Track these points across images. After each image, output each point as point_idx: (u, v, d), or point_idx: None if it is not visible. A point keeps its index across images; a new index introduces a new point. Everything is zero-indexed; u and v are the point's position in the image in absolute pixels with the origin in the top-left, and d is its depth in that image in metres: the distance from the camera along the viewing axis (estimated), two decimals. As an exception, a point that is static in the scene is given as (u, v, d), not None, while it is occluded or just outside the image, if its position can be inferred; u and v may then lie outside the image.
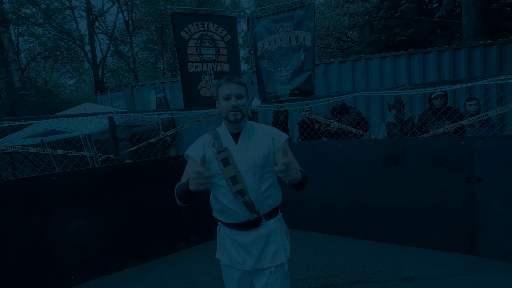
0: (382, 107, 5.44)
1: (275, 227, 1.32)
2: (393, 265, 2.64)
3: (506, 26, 9.05)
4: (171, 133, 3.93)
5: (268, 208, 1.31)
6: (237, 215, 1.28)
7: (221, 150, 1.26)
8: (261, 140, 1.33)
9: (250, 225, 1.29)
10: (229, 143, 1.31)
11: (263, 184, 1.29)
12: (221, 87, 1.31)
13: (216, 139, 1.30)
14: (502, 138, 2.55)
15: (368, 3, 9.53)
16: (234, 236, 1.32)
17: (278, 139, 1.34)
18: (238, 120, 1.29)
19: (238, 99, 1.28)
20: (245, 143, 1.32)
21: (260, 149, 1.30)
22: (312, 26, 3.72)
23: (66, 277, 2.64)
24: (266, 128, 1.40)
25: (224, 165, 1.24)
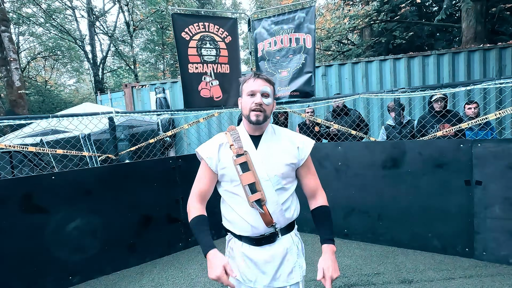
0: (381, 109, 5.46)
1: (291, 243, 1.21)
2: (392, 268, 2.64)
3: (505, 30, 9.09)
4: (171, 134, 3.93)
5: (285, 221, 1.19)
6: (252, 228, 1.15)
7: (241, 153, 1.14)
8: (285, 147, 1.20)
9: (265, 240, 1.17)
10: (248, 146, 1.18)
11: (282, 195, 1.17)
12: (247, 82, 1.18)
13: (236, 140, 1.18)
14: (501, 142, 2.56)
15: (368, 6, 9.56)
16: (246, 251, 1.19)
17: (304, 148, 1.22)
18: (260, 122, 1.15)
19: (263, 97, 1.15)
20: (266, 148, 1.19)
21: (282, 157, 1.18)
22: (313, 28, 3.74)
23: (64, 277, 2.63)
24: (290, 133, 1.27)
25: (243, 170, 1.12)
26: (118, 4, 15.17)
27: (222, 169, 1.18)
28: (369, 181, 3.13)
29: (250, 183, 1.11)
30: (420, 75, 5.73)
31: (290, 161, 1.18)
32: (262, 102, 1.14)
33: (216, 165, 1.20)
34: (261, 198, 1.11)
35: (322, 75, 5.95)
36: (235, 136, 1.19)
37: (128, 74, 17.67)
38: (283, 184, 1.17)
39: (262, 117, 1.15)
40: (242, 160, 1.13)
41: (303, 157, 1.21)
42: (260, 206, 1.11)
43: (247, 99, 1.17)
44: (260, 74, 1.19)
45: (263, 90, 1.15)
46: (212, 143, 1.24)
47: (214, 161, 1.20)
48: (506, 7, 8.68)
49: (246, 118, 1.18)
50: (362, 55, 10.51)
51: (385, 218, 3.08)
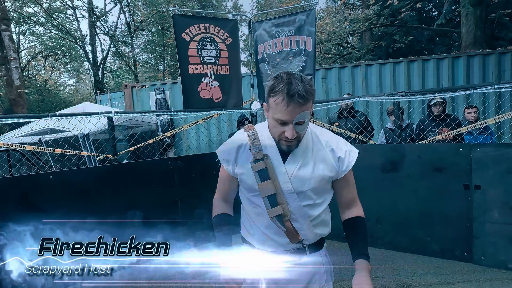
0: (381, 113, 5.47)
1: (320, 263, 1.06)
2: (390, 272, 2.63)
3: (505, 36, 9.15)
4: (170, 134, 3.92)
5: (315, 238, 1.04)
6: (275, 244, 1.00)
7: (260, 158, 0.96)
8: (322, 156, 0.99)
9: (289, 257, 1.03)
10: (272, 151, 0.98)
11: (313, 210, 1.00)
12: (277, 104, 0.87)
13: (254, 142, 0.98)
14: (500, 146, 2.56)
15: (368, 10, 9.62)
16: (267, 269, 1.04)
17: (346, 159, 1.00)
18: (292, 150, 0.96)
19: (297, 125, 0.90)
20: (297, 156, 0.97)
21: (318, 168, 0.98)
22: (313, 31, 3.75)
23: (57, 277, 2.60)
24: (332, 138, 1.03)
25: (262, 178, 0.95)
26: (119, 4, 15.21)
27: (240, 174, 1.02)
28: (368, 184, 3.12)
29: (270, 195, 0.94)
30: (420, 79, 5.75)
31: (327, 175, 0.99)
32: (295, 134, 0.90)
33: (233, 169, 1.04)
34: (283, 213, 0.94)
35: (322, 78, 5.97)
36: (253, 136, 0.99)
37: (128, 75, 17.69)
38: (315, 200, 1.00)
39: (295, 144, 0.95)
40: (260, 166, 0.95)
41: (345, 169, 1.01)
42: (281, 223, 0.94)
43: (275, 125, 0.92)
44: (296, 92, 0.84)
45: (298, 120, 0.88)
46: (232, 143, 1.06)
47: (231, 165, 1.04)
48: (505, 13, 8.75)
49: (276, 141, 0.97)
50: (362, 59, 10.55)
51: (383, 222, 3.07)
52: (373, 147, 3.19)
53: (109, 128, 3.19)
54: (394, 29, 10.44)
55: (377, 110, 5.56)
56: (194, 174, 3.35)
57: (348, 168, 1.01)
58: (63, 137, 3.50)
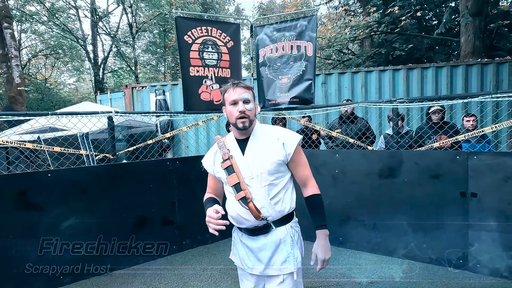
0: (380, 119, 5.50)
1: (285, 235, 1.28)
2: (386, 277, 2.64)
3: (503, 46, 9.25)
4: (169, 136, 3.93)
5: (277, 214, 1.27)
6: (246, 221, 1.27)
7: (226, 158, 1.27)
8: (270, 146, 1.28)
9: (259, 231, 1.28)
10: (235, 150, 1.31)
11: (271, 190, 1.26)
12: (228, 92, 1.28)
13: (221, 147, 1.32)
14: (496, 155, 2.59)
15: (369, 17, 9.71)
16: (244, 240, 1.33)
17: (289, 144, 1.28)
18: (246, 127, 1.26)
19: (245, 103, 1.25)
20: (252, 149, 1.29)
21: (268, 155, 1.26)
22: (314, 37, 3.78)
23: (55, 276, 2.59)
24: (278, 131, 1.34)
25: (229, 173, 1.26)
26: (122, 5, 15.28)
27: (217, 173, 1.35)
28: (366, 190, 3.14)
29: (235, 184, 1.24)
30: (419, 86, 5.80)
31: (276, 158, 1.26)
32: (245, 109, 1.24)
33: (213, 170, 1.38)
34: (246, 195, 1.22)
35: (322, 83, 6.00)
36: (220, 143, 1.34)
37: (129, 75, 17.71)
38: (271, 180, 1.26)
39: (248, 122, 1.25)
40: (227, 164, 1.26)
41: (289, 152, 1.27)
42: (245, 203, 1.22)
43: (231, 108, 1.26)
44: (239, 82, 1.28)
45: (243, 98, 1.24)
46: (210, 152, 1.41)
47: (211, 168, 1.39)
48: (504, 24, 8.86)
49: (234, 125, 1.28)
50: (362, 65, 10.63)
51: (380, 227, 3.08)
52: (371, 153, 3.21)
53: (109, 128, 3.20)
54: (394, 37, 10.53)
55: (376, 116, 5.60)
56: (193, 176, 3.36)
57: (292, 150, 1.27)
58: (62, 136, 3.51)
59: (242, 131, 1.29)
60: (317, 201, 1.32)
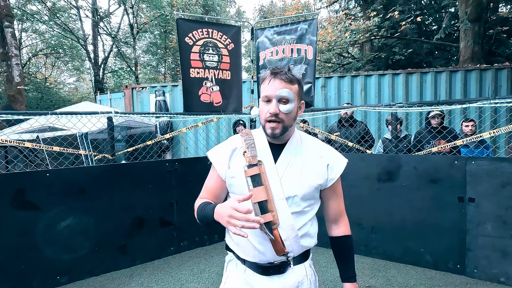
0: (378, 122, 5.52)
1: (303, 276, 1.01)
2: (383, 281, 2.64)
3: (502, 52, 9.31)
4: (169, 137, 3.93)
5: (300, 250, 0.99)
6: (260, 254, 0.96)
7: (253, 164, 0.94)
8: (312, 164, 1.00)
9: (274, 270, 0.97)
10: (266, 157, 0.98)
11: (299, 219, 0.97)
12: (263, 83, 0.96)
13: (249, 147, 0.97)
14: (494, 160, 2.60)
15: (369, 22, 9.76)
16: (249, 278, 0.99)
17: (335, 168, 1.01)
18: (276, 135, 0.95)
19: (281, 103, 0.92)
20: (288, 160, 0.98)
21: (308, 175, 0.98)
22: (315, 40, 3.80)
23: (51, 277, 2.58)
24: (322, 148, 1.04)
25: (254, 184, 0.92)
26: (123, 6, 15.32)
27: (231, 178, 1.00)
28: (364, 193, 3.14)
29: (261, 201, 0.90)
30: (418, 91, 5.82)
31: (316, 182, 0.98)
32: (278, 110, 0.91)
33: (226, 172, 1.02)
34: (273, 220, 0.90)
35: (321, 86, 6.02)
36: (249, 142, 0.98)
37: (129, 76, 17.72)
38: (302, 207, 0.98)
39: (280, 129, 0.94)
40: (254, 171, 0.92)
41: (333, 177, 1.01)
42: (270, 231, 0.90)
43: (263, 106, 0.95)
44: (280, 71, 0.93)
45: (280, 95, 0.91)
46: (225, 146, 1.05)
47: (224, 168, 1.02)
48: (503, 30, 8.92)
49: (263, 128, 0.98)
50: (361, 69, 10.67)
51: (378, 231, 3.08)
52: (370, 157, 3.22)
53: (109, 128, 3.20)
54: (394, 41, 10.59)
55: (375, 120, 5.61)
56: (191, 177, 3.36)
57: (336, 176, 1.02)
58: (61, 136, 3.50)
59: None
60: (350, 245, 1.07)
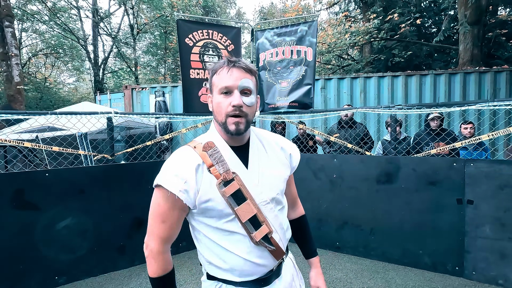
0: (378, 124, 5.53)
1: (292, 266, 1.01)
2: (382, 283, 2.64)
3: (501, 55, 9.35)
4: (168, 137, 3.94)
5: (286, 242, 0.97)
6: (261, 268, 0.87)
7: (230, 179, 0.81)
8: (277, 157, 0.94)
9: (274, 276, 0.91)
10: (237, 166, 0.85)
11: (282, 215, 0.94)
12: (219, 74, 0.83)
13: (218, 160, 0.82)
14: (493, 162, 2.61)
15: (369, 24, 9.79)
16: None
17: (295, 155, 1.00)
18: (241, 132, 0.83)
19: (244, 95, 0.81)
20: (258, 162, 0.89)
21: (278, 169, 0.93)
22: (314, 42, 3.82)
23: (50, 277, 2.58)
24: (277, 138, 1.00)
25: (238, 201, 0.81)
26: (123, 7, 15.34)
27: (205, 202, 0.82)
28: (363, 195, 3.15)
29: (252, 216, 0.82)
30: (417, 93, 5.84)
31: (286, 173, 0.95)
32: (242, 103, 0.80)
33: (195, 199, 0.82)
34: (269, 230, 0.84)
35: (321, 88, 6.04)
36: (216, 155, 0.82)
37: (129, 76, 17.72)
38: (283, 203, 0.95)
39: (244, 124, 0.82)
40: (233, 188, 0.81)
41: (295, 165, 1.00)
42: (269, 243, 0.84)
43: (220, 99, 0.82)
44: (238, 60, 0.83)
45: (242, 86, 0.80)
46: (184, 166, 0.82)
47: (192, 194, 0.81)
48: (502, 33, 8.96)
49: (222, 125, 0.84)
50: (361, 71, 10.69)
51: (377, 233, 3.08)
52: (369, 158, 3.23)
53: (108, 129, 3.20)
54: (394, 43, 10.63)
55: (374, 122, 5.62)
56: (191, 178, 3.35)
57: (297, 163, 1.01)
58: (61, 136, 3.50)
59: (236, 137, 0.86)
60: (307, 223, 1.11)
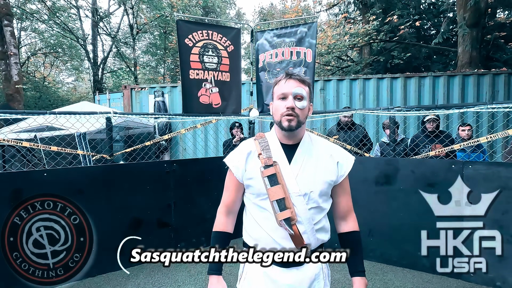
0: (377, 126, 5.54)
1: (319, 269, 1.08)
2: (381, 285, 2.64)
3: (499, 57, 9.39)
4: (167, 138, 3.93)
5: (317, 243, 1.07)
6: (280, 248, 1.04)
7: (269, 164, 1.02)
8: (324, 161, 1.07)
9: (293, 263, 1.03)
10: (280, 157, 1.05)
11: (316, 215, 1.05)
12: (278, 84, 1.05)
13: (264, 149, 1.05)
14: (491, 165, 2.62)
15: (368, 25, 9.82)
16: (269, 271, 1.05)
17: (344, 165, 1.09)
18: (292, 128, 1.01)
19: (296, 100, 1.01)
20: (302, 159, 1.05)
21: (321, 172, 1.05)
22: (314, 43, 3.82)
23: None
24: (330, 146, 1.13)
25: (271, 183, 1.00)
26: (123, 6, 15.33)
27: (249, 179, 1.07)
28: (362, 196, 3.15)
29: (279, 199, 0.99)
30: (416, 95, 5.86)
31: (329, 178, 1.06)
32: (294, 105, 1.00)
33: (243, 175, 1.09)
34: (291, 216, 0.98)
35: (320, 89, 6.05)
36: (263, 144, 1.07)
37: (128, 76, 17.70)
38: (319, 203, 1.05)
39: (295, 122, 1.01)
40: (270, 171, 1.01)
41: (343, 174, 1.09)
42: (289, 226, 0.98)
43: (278, 103, 1.04)
44: (293, 74, 1.05)
45: (296, 92, 1.01)
46: (240, 151, 1.12)
47: (241, 171, 1.09)
48: (501, 35, 9.00)
49: (278, 124, 1.05)
50: (360, 72, 10.72)
51: (375, 234, 3.08)
52: (368, 160, 3.23)
53: (107, 129, 3.19)
54: (393, 45, 10.67)
55: (373, 124, 5.64)
56: (190, 178, 3.35)
57: (346, 172, 1.09)
58: (59, 135, 3.49)
59: (288, 134, 1.04)
60: (358, 240, 1.15)
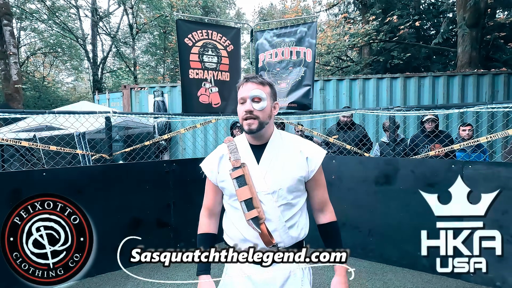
0: (376, 126, 5.54)
1: (296, 266, 1.09)
2: (380, 285, 2.64)
3: (499, 57, 9.39)
4: (167, 137, 3.92)
5: (291, 240, 1.09)
6: (251, 245, 1.07)
7: (237, 166, 1.05)
8: (292, 158, 1.09)
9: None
10: (248, 158, 1.09)
11: (287, 211, 1.07)
12: (239, 89, 1.08)
13: (232, 152, 1.09)
14: (490, 165, 2.62)
15: (368, 25, 9.82)
16: (245, 268, 1.08)
17: (314, 159, 1.10)
18: (253, 131, 1.04)
19: (254, 102, 1.03)
20: (270, 158, 1.08)
21: (290, 169, 1.07)
22: (314, 43, 3.82)
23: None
24: (301, 142, 1.14)
25: (239, 184, 1.03)
26: (123, 6, 15.32)
27: (221, 182, 1.11)
28: (362, 196, 3.14)
29: (247, 199, 1.02)
30: (416, 95, 5.85)
31: (298, 174, 1.07)
32: (252, 108, 1.03)
33: (216, 178, 1.14)
34: (259, 215, 1.01)
35: (320, 89, 6.04)
36: (231, 147, 1.10)
37: (128, 76, 17.68)
38: (289, 200, 1.07)
39: (256, 125, 1.03)
40: (238, 173, 1.04)
41: (313, 169, 1.10)
42: (257, 225, 1.01)
43: (239, 108, 1.07)
44: (251, 77, 1.07)
45: (252, 95, 1.03)
46: (213, 155, 1.18)
47: (214, 174, 1.14)
48: (500, 36, 9.01)
49: (242, 127, 1.08)
50: (360, 72, 10.72)
51: (375, 234, 3.08)
52: (368, 160, 3.23)
53: (106, 128, 3.18)
54: (393, 45, 10.67)
55: (373, 124, 5.63)
56: (189, 178, 3.35)
57: (316, 167, 1.10)
58: (58, 135, 3.49)
59: (254, 135, 1.08)
60: (336, 229, 1.17)
